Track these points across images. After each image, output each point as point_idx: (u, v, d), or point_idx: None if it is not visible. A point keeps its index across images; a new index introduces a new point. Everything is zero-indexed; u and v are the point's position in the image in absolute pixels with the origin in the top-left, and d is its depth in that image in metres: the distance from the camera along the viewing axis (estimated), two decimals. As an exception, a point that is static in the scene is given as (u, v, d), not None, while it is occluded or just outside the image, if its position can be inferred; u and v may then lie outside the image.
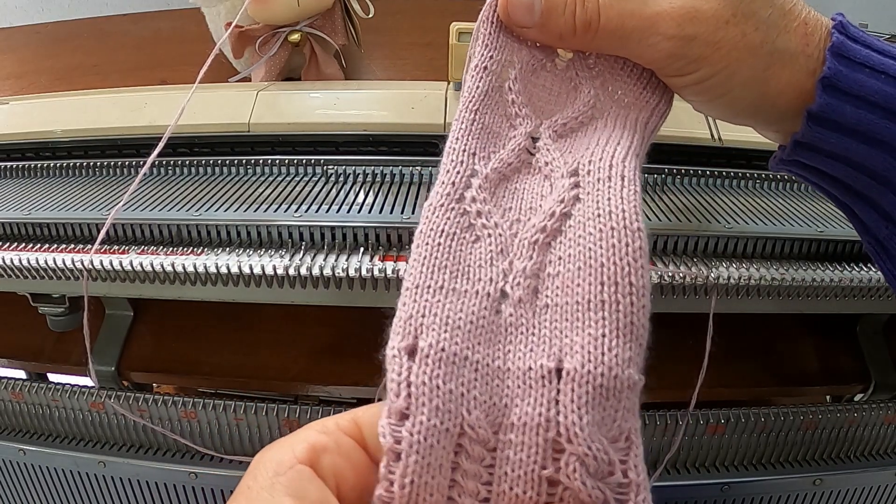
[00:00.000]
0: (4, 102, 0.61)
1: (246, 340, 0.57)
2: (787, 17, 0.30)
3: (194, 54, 0.72)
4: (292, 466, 0.21)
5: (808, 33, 0.30)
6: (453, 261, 0.25)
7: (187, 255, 0.45)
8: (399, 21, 0.82)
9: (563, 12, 0.31)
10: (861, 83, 0.29)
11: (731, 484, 0.50)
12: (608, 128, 0.31)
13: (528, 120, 0.31)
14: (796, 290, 0.45)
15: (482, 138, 0.30)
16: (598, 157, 0.29)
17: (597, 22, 0.30)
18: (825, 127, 0.30)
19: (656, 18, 0.30)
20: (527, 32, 0.32)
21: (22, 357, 0.59)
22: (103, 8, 0.94)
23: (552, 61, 0.33)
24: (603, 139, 0.30)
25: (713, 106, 0.33)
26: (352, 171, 0.53)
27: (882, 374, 0.56)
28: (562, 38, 0.32)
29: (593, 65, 0.33)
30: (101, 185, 0.53)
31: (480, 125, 0.30)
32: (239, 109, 0.56)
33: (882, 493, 0.53)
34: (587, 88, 0.33)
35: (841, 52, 0.29)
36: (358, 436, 0.23)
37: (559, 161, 0.30)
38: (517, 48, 0.33)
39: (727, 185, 0.54)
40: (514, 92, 0.32)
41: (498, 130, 0.31)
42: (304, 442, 0.22)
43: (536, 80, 0.33)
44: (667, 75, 0.32)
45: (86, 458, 0.52)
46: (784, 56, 0.30)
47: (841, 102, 0.29)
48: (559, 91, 0.33)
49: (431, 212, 0.26)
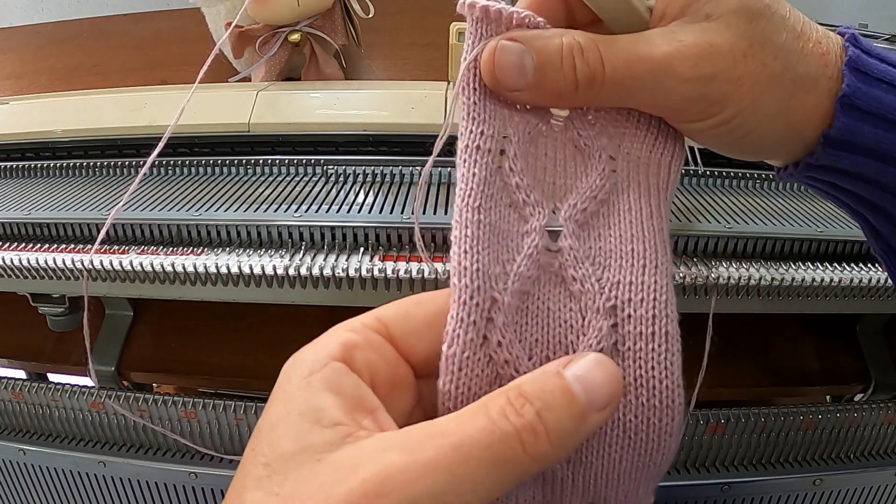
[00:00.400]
0: (4, 102, 0.61)
1: (246, 340, 0.57)
2: (801, 38, 0.28)
3: (194, 54, 0.73)
4: (327, 364, 0.22)
5: (823, 53, 0.28)
6: None
7: (187, 255, 0.45)
8: (399, 21, 0.82)
9: (561, 67, 0.26)
10: (879, 100, 0.28)
11: (731, 484, 0.50)
12: (633, 211, 0.27)
13: (538, 208, 0.27)
14: (796, 290, 0.45)
15: (492, 245, 0.26)
16: (637, 294, 0.25)
17: (601, 74, 0.26)
18: (841, 149, 0.28)
19: (669, 60, 0.26)
20: (518, 96, 0.27)
21: (22, 357, 0.59)
22: (103, 8, 0.94)
23: (548, 123, 0.29)
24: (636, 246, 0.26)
25: (737, 146, 0.29)
26: (352, 171, 0.53)
27: (882, 374, 0.56)
28: (561, 96, 0.27)
29: (594, 121, 0.29)
30: (101, 185, 0.53)
31: (487, 225, 0.26)
32: (239, 109, 0.56)
33: (882, 493, 0.53)
34: (595, 152, 0.29)
35: (858, 67, 0.28)
36: (384, 332, 0.24)
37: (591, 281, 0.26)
38: (508, 115, 0.28)
39: (727, 185, 0.54)
40: (516, 173, 0.27)
41: (507, 227, 0.27)
42: (336, 341, 0.23)
43: (536, 149, 0.28)
44: (684, 121, 0.28)
45: (86, 458, 0.52)
46: (806, 82, 0.28)
47: (859, 123, 0.28)
48: (564, 158, 0.29)
49: (457, 366, 0.24)
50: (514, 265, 0.26)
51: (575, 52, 0.26)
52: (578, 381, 0.22)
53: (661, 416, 0.24)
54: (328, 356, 0.22)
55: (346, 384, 0.22)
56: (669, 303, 0.26)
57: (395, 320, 0.24)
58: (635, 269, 0.26)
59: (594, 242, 0.27)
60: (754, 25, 0.27)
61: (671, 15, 0.27)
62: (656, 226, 0.27)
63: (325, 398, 0.21)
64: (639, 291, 0.26)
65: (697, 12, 0.27)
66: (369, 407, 0.22)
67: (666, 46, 0.26)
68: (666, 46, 0.26)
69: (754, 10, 0.27)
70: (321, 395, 0.21)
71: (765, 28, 0.27)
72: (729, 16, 0.27)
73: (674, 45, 0.26)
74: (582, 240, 0.27)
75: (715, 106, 0.27)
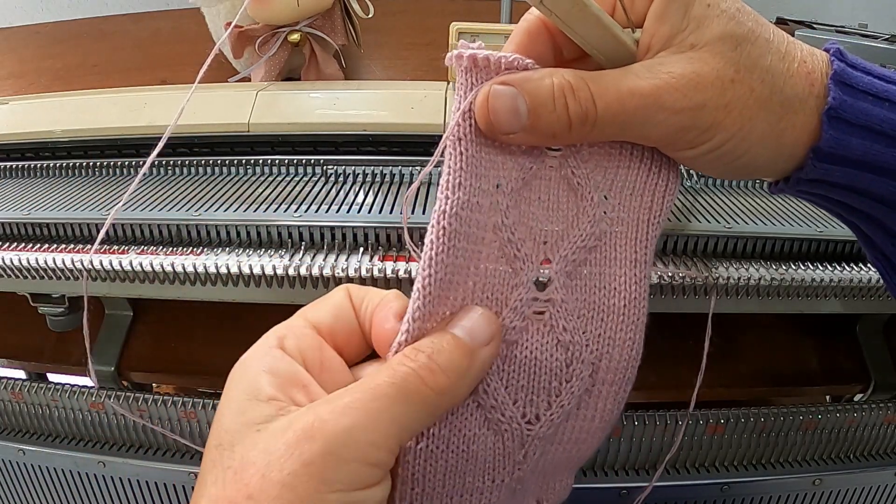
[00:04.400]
0: (4, 102, 0.61)
1: (246, 340, 0.57)
2: (786, 59, 0.28)
3: (194, 54, 0.73)
4: (265, 352, 0.26)
5: (809, 72, 0.28)
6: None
7: (187, 255, 0.45)
8: (399, 21, 0.82)
9: (554, 108, 0.27)
10: (866, 112, 0.28)
11: (731, 484, 0.50)
12: (618, 261, 0.29)
13: (528, 262, 0.28)
14: (796, 290, 0.45)
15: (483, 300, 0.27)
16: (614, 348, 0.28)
17: (594, 112, 0.27)
18: (830, 162, 0.29)
19: (659, 93, 0.27)
20: (514, 138, 0.28)
21: (22, 357, 0.59)
22: (103, 8, 0.94)
23: (542, 162, 0.29)
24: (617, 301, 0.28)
25: (730, 169, 0.30)
26: (352, 171, 0.53)
27: (882, 374, 0.56)
28: (556, 136, 0.28)
29: (587, 157, 0.29)
30: (101, 185, 0.53)
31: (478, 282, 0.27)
32: (239, 109, 0.56)
33: (882, 493, 0.53)
34: (589, 193, 0.29)
35: (844, 81, 0.28)
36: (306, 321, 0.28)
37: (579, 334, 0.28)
38: (501, 162, 0.28)
39: (727, 185, 0.54)
40: (507, 227, 0.28)
41: (496, 281, 0.28)
42: (272, 335, 0.27)
43: (530, 194, 0.29)
44: (677, 149, 0.29)
45: (86, 458, 0.52)
46: (794, 103, 0.28)
47: (847, 136, 0.28)
48: (557, 202, 0.29)
49: (454, 416, 0.27)
50: (501, 318, 0.27)
51: (566, 91, 0.27)
52: (461, 328, 0.26)
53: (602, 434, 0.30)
54: (267, 347, 0.26)
55: (281, 364, 0.25)
56: (637, 352, 0.29)
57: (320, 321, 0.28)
58: (615, 324, 0.29)
59: (580, 294, 0.29)
60: (739, 51, 0.27)
61: (657, 47, 0.28)
62: (638, 275, 0.29)
63: (262, 377, 0.25)
64: (616, 345, 0.28)
65: (682, 42, 0.27)
66: (302, 382, 0.25)
67: (654, 79, 0.27)
68: (654, 79, 0.27)
69: (738, 35, 0.27)
70: (259, 376, 0.25)
71: (750, 53, 0.27)
72: (714, 44, 0.27)
73: (662, 78, 0.27)
74: (571, 290, 0.29)
75: (706, 133, 0.28)
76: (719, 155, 0.28)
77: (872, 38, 0.76)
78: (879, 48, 0.72)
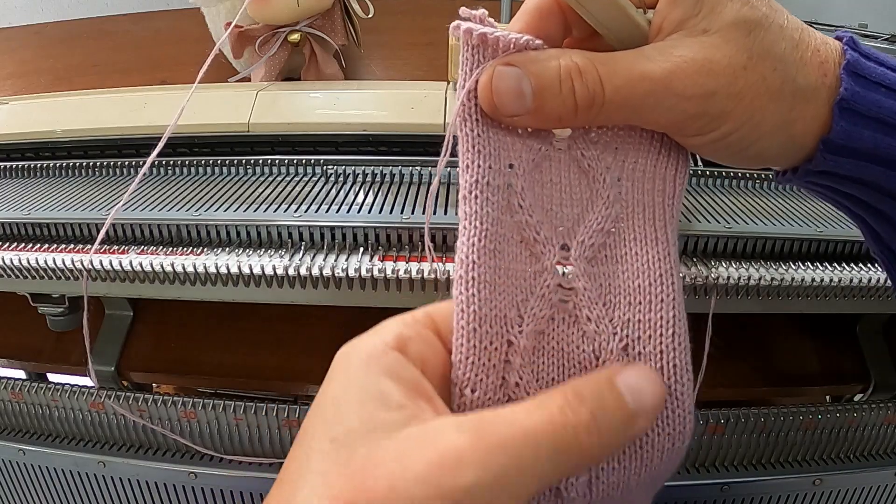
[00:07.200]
0: (4, 102, 0.61)
1: (246, 340, 0.57)
2: (800, 48, 0.28)
3: (194, 54, 0.73)
4: (385, 352, 0.23)
5: (822, 62, 0.28)
6: None
7: (187, 255, 0.45)
8: (399, 21, 0.82)
9: (560, 91, 0.26)
10: (878, 103, 0.27)
11: (731, 484, 0.50)
12: (638, 241, 0.27)
13: (549, 245, 0.27)
14: (796, 290, 0.45)
15: (507, 287, 0.26)
16: (645, 332, 0.26)
17: (601, 95, 0.26)
18: (840, 154, 0.28)
19: (669, 78, 0.26)
20: (518, 121, 0.27)
21: (22, 357, 0.59)
22: (103, 8, 0.94)
23: (550, 145, 0.28)
24: (642, 281, 0.27)
25: (739, 157, 0.29)
26: (352, 171, 0.53)
27: (882, 374, 0.56)
28: (561, 119, 0.27)
29: (596, 138, 0.29)
30: (101, 185, 0.53)
31: (501, 269, 0.26)
32: (239, 109, 0.56)
33: (882, 493, 0.53)
34: (600, 175, 0.28)
35: (856, 71, 0.28)
36: (434, 328, 0.25)
37: (604, 322, 0.26)
38: (511, 143, 0.27)
39: (727, 185, 0.54)
40: (525, 210, 0.27)
41: (519, 267, 0.26)
42: (391, 332, 0.24)
43: (542, 177, 0.28)
44: (686, 136, 0.28)
45: (86, 458, 0.52)
46: (807, 92, 0.27)
47: (857, 127, 0.27)
48: (570, 184, 0.28)
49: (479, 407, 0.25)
50: (528, 306, 0.26)
51: (573, 74, 0.26)
52: (629, 389, 0.23)
53: (674, 441, 0.26)
54: (385, 345, 0.23)
55: (405, 372, 0.23)
56: (677, 335, 0.26)
57: (444, 319, 0.25)
58: (643, 305, 0.26)
59: (604, 279, 0.27)
60: (752, 37, 0.27)
61: (668, 29, 0.27)
62: (661, 253, 0.27)
63: (387, 383, 0.22)
64: (647, 329, 0.26)
65: (695, 27, 0.27)
66: (427, 394, 0.23)
67: (665, 63, 0.26)
68: (665, 63, 0.26)
69: (751, 21, 0.27)
70: (382, 380, 0.22)
71: (763, 39, 0.27)
72: (726, 29, 0.26)
73: (673, 62, 0.26)
74: (593, 277, 0.27)
75: (716, 121, 0.27)
76: (729, 143, 0.28)
77: (872, 38, 0.76)
78: (879, 48, 0.72)
